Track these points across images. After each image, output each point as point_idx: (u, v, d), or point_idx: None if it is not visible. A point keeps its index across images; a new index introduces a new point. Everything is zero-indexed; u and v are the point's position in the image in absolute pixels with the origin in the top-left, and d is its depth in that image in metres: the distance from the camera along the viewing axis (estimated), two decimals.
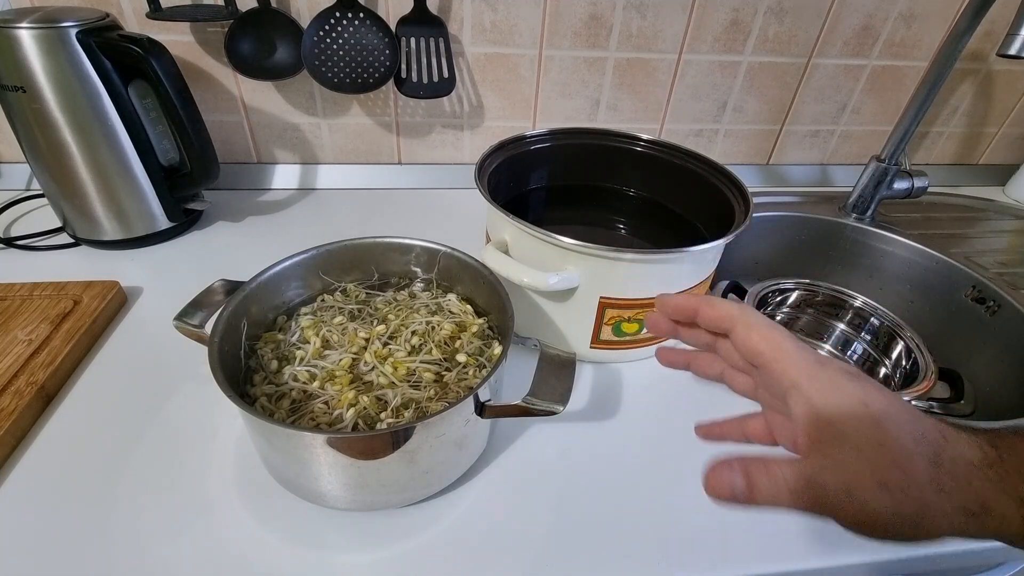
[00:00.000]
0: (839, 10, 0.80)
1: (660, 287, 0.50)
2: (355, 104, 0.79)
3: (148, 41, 0.57)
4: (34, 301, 0.55)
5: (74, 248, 0.67)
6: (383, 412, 0.40)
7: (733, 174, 0.59)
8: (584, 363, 0.55)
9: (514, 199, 0.67)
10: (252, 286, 0.45)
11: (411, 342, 0.46)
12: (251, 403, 0.41)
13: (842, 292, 0.83)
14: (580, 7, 0.75)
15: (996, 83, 0.92)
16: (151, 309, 0.59)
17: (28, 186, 0.77)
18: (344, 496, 0.39)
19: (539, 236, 0.48)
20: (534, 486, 0.44)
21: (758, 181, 0.95)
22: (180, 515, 0.40)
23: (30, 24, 0.54)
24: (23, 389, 0.45)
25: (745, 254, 0.84)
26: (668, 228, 0.67)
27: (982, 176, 1.01)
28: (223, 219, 0.74)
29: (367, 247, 0.52)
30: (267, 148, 0.81)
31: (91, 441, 0.45)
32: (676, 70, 0.82)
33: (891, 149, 0.77)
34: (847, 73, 0.87)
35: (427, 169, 0.86)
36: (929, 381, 0.66)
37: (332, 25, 0.69)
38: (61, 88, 0.56)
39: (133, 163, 0.63)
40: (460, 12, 0.73)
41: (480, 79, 0.79)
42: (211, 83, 0.75)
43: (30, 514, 0.39)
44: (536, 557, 0.39)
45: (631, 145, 0.67)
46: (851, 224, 0.83)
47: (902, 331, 0.76)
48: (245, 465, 0.43)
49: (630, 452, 0.44)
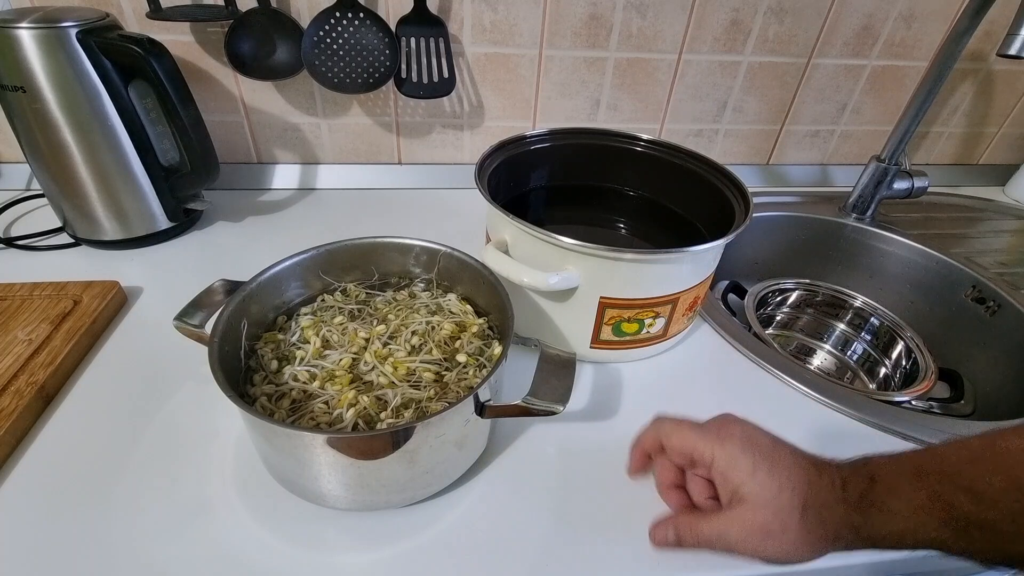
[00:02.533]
0: (839, 10, 0.80)
1: (660, 287, 0.50)
2: (355, 104, 0.79)
3: (148, 41, 0.57)
4: (34, 301, 0.55)
5: (74, 248, 0.67)
6: (383, 412, 0.40)
7: (733, 174, 0.59)
8: (584, 363, 0.55)
9: (514, 199, 0.67)
10: (252, 286, 0.45)
11: (411, 342, 0.46)
12: (251, 403, 0.41)
13: (842, 292, 0.83)
14: (580, 7, 0.75)
15: (996, 83, 0.92)
16: (151, 309, 0.59)
17: (28, 186, 0.77)
18: (344, 496, 0.39)
19: (539, 236, 0.48)
20: (534, 486, 0.44)
21: (758, 181, 0.95)
22: (180, 515, 0.40)
23: (30, 24, 0.54)
24: (23, 389, 0.45)
25: (745, 254, 0.84)
26: (668, 228, 0.67)
27: (982, 176, 1.01)
28: (223, 219, 0.74)
29: (367, 247, 0.52)
30: (267, 148, 0.81)
31: (91, 441, 0.45)
32: (676, 70, 0.82)
33: (891, 149, 0.77)
34: (847, 73, 0.87)
35: (427, 169, 0.86)
36: (929, 381, 0.67)
37: (332, 25, 0.69)
38: (61, 88, 0.56)
39: (133, 163, 0.63)
40: (460, 12, 0.73)
41: (480, 79, 0.79)
42: (211, 83, 0.75)
43: (30, 514, 0.39)
44: (536, 557, 0.39)
45: (631, 145, 0.67)
46: (851, 224, 0.83)
47: (902, 331, 0.77)
48: (245, 465, 0.43)
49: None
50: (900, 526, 0.30)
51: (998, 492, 0.28)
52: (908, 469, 0.31)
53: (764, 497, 0.32)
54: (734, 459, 0.33)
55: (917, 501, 0.30)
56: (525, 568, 0.38)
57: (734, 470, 0.33)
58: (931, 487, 0.30)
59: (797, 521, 0.31)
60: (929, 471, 0.30)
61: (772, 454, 0.33)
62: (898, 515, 0.30)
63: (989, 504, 0.28)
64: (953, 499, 0.29)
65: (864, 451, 0.33)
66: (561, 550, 0.40)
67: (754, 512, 0.32)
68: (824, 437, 0.50)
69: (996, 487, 0.28)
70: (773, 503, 0.32)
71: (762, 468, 0.33)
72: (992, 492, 0.28)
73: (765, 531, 0.32)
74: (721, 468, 0.34)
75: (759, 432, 0.35)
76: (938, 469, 0.30)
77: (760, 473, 0.33)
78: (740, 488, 0.33)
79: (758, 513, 0.32)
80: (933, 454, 0.31)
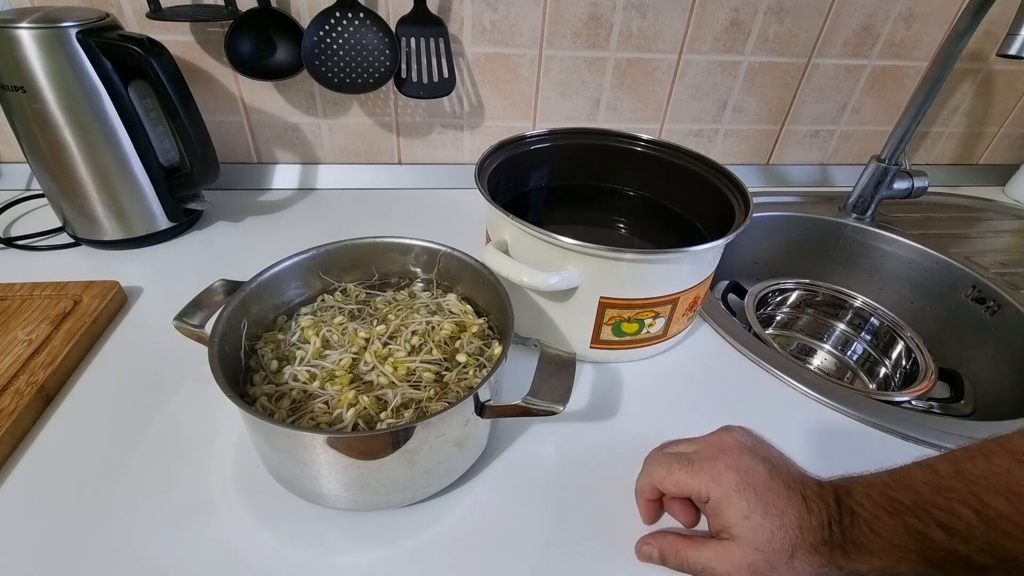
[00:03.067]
0: (839, 10, 0.80)
1: (660, 287, 0.50)
2: (355, 104, 0.79)
3: (148, 41, 0.57)
4: (34, 301, 0.55)
5: (74, 248, 0.67)
6: (383, 412, 0.40)
7: (733, 174, 0.59)
8: (584, 363, 0.55)
9: (514, 199, 0.67)
10: (252, 286, 0.45)
11: (411, 342, 0.46)
12: (251, 403, 0.41)
13: (842, 292, 0.83)
14: (580, 7, 0.75)
15: (996, 83, 0.92)
16: (151, 309, 0.59)
17: (28, 186, 0.77)
18: (344, 496, 0.39)
19: (539, 236, 0.48)
20: (534, 486, 0.44)
21: (758, 181, 0.95)
22: (180, 515, 0.40)
23: (30, 24, 0.54)
24: (23, 389, 0.45)
25: (745, 254, 0.84)
26: (668, 228, 0.67)
27: (982, 176, 1.01)
28: (223, 219, 0.74)
29: (367, 247, 0.52)
30: (267, 148, 0.81)
31: (91, 441, 0.45)
32: (676, 70, 0.82)
33: (891, 149, 0.77)
34: (847, 73, 0.87)
35: (427, 169, 0.86)
36: (929, 381, 0.67)
37: (332, 25, 0.69)
38: (61, 88, 0.56)
39: (133, 163, 0.63)
40: (460, 12, 0.73)
41: (480, 79, 0.79)
42: (211, 83, 0.75)
43: (30, 514, 0.39)
44: (536, 557, 0.39)
45: (631, 145, 0.67)
46: (851, 224, 0.83)
47: (902, 331, 0.77)
48: (245, 465, 0.43)
49: (630, 452, 0.43)
50: (880, 562, 0.31)
51: (967, 526, 0.28)
52: (884, 503, 0.31)
53: (756, 541, 0.33)
54: (728, 500, 0.34)
55: (896, 539, 0.30)
56: (525, 568, 0.38)
57: (728, 510, 0.34)
58: (907, 522, 0.30)
59: (784, 563, 0.33)
60: (905, 504, 0.30)
61: (766, 494, 0.34)
62: (878, 552, 0.31)
63: (961, 538, 0.28)
64: (928, 532, 0.29)
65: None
66: (561, 550, 0.40)
67: (744, 553, 0.33)
68: (824, 437, 0.50)
69: (965, 520, 0.28)
70: (765, 547, 0.33)
71: (756, 512, 0.33)
72: (962, 526, 0.28)
73: (752, 570, 0.33)
74: (715, 506, 0.35)
75: (755, 462, 0.35)
76: (912, 502, 0.30)
77: (754, 517, 0.33)
78: (732, 528, 0.34)
79: (748, 555, 0.33)
80: (905, 484, 0.31)
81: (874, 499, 0.32)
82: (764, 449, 0.37)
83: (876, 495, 0.32)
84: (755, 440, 0.38)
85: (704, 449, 0.38)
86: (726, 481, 0.34)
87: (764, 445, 0.38)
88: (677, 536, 0.38)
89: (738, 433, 0.38)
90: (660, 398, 0.53)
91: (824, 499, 0.33)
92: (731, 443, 0.37)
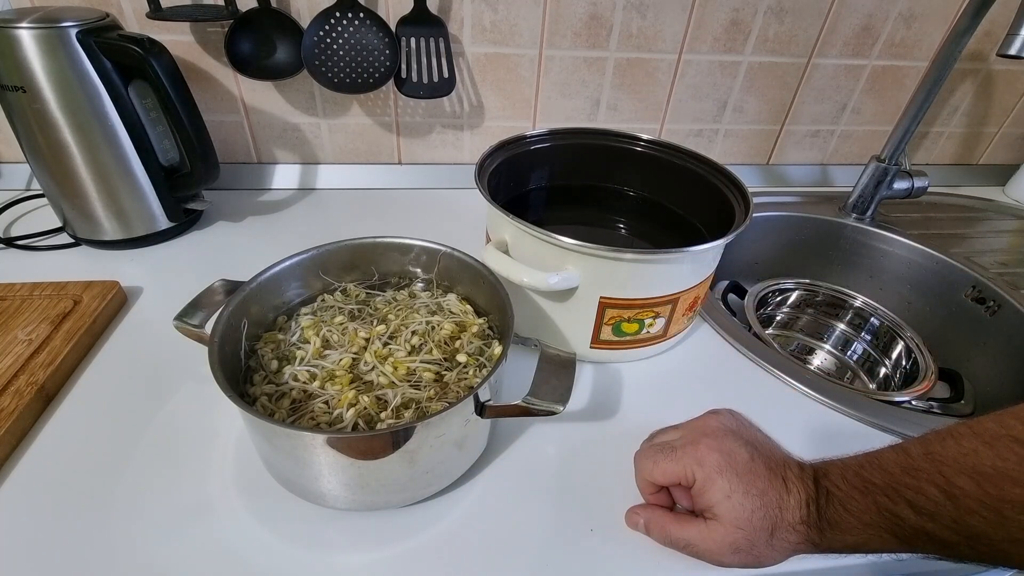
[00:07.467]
0: (839, 10, 0.80)
1: (660, 287, 0.50)
2: (355, 104, 0.79)
3: (148, 41, 0.57)
4: (34, 301, 0.55)
5: (74, 248, 0.67)
6: (383, 412, 0.40)
7: (733, 174, 0.59)
8: (584, 363, 0.55)
9: (514, 199, 0.67)
10: (252, 286, 0.45)
11: (411, 342, 0.46)
12: (251, 403, 0.41)
13: (842, 292, 0.83)
14: (580, 7, 0.75)
15: (996, 83, 0.92)
16: (151, 309, 0.59)
17: (28, 186, 0.77)
18: (344, 496, 0.39)
19: (539, 236, 0.48)
20: (534, 486, 0.44)
21: (758, 181, 0.95)
22: (180, 515, 0.40)
23: (30, 24, 0.54)
24: (23, 389, 0.45)
25: (745, 254, 0.84)
26: (668, 228, 0.67)
27: (982, 176, 1.01)
28: (223, 219, 0.74)
29: (367, 247, 0.52)
30: (267, 148, 0.81)
31: (91, 441, 0.45)
32: (676, 70, 0.82)
33: (891, 149, 0.77)
34: (847, 73, 0.87)
35: (427, 169, 0.86)
36: (929, 381, 0.67)
37: (332, 25, 0.69)
38: (61, 88, 0.56)
39: (133, 163, 0.63)
40: (460, 12, 0.73)
41: (480, 79, 0.79)
42: (211, 83, 0.75)
43: (30, 514, 0.39)
44: (536, 557, 0.39)
45: (631, 145, 0.67)
46: (851, 224, 0.83)
47: (902, 331, 0.77)
48: (245, 465, 0.43)
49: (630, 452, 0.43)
50: (854, 539, 0.32)
51: (935, 504, 0.29)
52: (857, 483, 0.32)
53: (737, 520, 0.34)
54: (711, 480, 0.35)
55: (867, 517, 0.31)
56: (525, 568, 0.38)
57: (710, 491, 0.35)
58: (878, 501, 0.31)
59: (764, 541, 0.34)
60: (876, 484, 0.31)
61: (748, 475, 0.35)
62: (851, 530, 0.32)
63: (929, 516, 0.29)
64: (898, 511, 0.30)
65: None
66: (561, 550, 0.40)
67: (725, 531, 0.35)
68: (824, 437, 0.50)
69: (933, 499, 0.29)
70: (746, 526, 0.34)
71: (737, 491, 0.35)
72: (929, 505, 0.29)
73: (734, 548, 0.35)
74: (699, 487, 0.36)
75: (738, 444, 0.37)
76: (883, 482, 0.31)
77: (736, 496, 0.35)
78: (715, 507, 0.35)
79: (729, 533, 0.35)
80: (878, 465, 0.32)
81: (848, 479, 0.33)
82: (748, 432, 0.38)
83: (850, 476, 0.33)
84: (740, 423, 0.39)
85: (688, 434, 0.39)
86: (708, 463, 0.36)
87: (749, 428, 0.39)
88: (665, 512, 0.39)
89: (723, 416, 0.39)
90: (660, 398, 0.53)
91: (804, 480, 0.35)
92: (715, 426, 0.38)
